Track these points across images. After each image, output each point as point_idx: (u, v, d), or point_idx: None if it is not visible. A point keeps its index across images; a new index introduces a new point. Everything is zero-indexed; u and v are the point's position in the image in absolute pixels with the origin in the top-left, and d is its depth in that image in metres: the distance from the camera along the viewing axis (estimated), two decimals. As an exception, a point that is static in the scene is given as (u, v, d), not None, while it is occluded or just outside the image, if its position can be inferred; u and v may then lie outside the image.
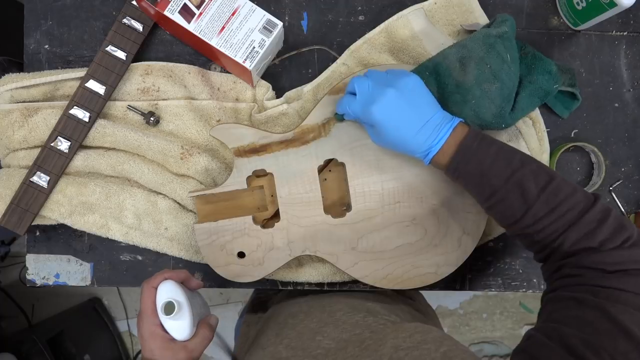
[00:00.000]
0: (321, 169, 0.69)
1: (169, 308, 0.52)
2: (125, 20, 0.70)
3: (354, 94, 0.60)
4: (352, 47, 0.73)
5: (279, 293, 0.91)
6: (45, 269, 0.75)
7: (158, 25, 0.74)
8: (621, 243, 0.49)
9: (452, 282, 0.76)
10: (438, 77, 0.64)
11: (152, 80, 0.72)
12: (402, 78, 0.58)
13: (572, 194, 0.52)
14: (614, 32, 0.77)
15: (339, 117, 0.65)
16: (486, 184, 0.55)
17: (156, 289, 0.55)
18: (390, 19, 0.72)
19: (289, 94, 0.73)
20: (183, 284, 0.58)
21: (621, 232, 0.50)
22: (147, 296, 0.54)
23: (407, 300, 0.83)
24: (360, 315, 0.63)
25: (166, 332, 0.54)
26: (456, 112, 0.63)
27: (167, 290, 0.54)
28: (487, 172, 0.55)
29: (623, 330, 0.42)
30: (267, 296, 0.95)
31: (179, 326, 0.54)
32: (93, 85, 0.69)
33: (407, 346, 0.51)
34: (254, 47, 0.65)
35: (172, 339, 0.54)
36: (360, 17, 0.75)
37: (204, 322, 0.58)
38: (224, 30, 0.65)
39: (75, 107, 0.69)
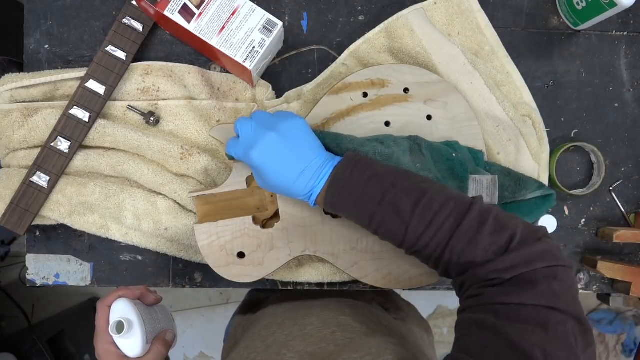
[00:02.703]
0: (321, 169, 0.69)
1: (120, 327, 0.54)
2: (125, 20, 0.70)
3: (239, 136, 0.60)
4: (352, 47, 0.73)
5: (270, 297, 0.91)
6: (45, 269, 0.75)
7: (158, 25, 0.73)
8: (507, 245, 0.48)
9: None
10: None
11: (152, 80, 0.72)
12: (285, 121, 0.57)
13: (446, 203, 0.51)
14: (614, 32, 0.77)
15: (230, 157, 0.65)
16: (362, 210, 0.54)
17: (110, 307, 0.56)
18: (390, 19, 0.72)
19: (289, 94, 0.73)
20: (140, 299, 0.60)
21: (503, 231, 0.48)
22: (101, 315, 0.56)
23: (388, 311, 0.84)
24: (329, 330, 0.63)
25: (120, 349, 0.56)
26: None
27: (119, 309, 0.56)
28: (360, 198, 0.54)
29: (521, 354, 0.41)
30: (258, 299, 0.95)
31: (130, 344, 0.56)
32: (93, 85, 0.69)
33: None
34: (254, 47, 0.65)
35: (125, 356, 0.56)
36: (360, 17, 0.75)
37: (159, 338, 0.59)
38: (224, 30, 0.65)
39: (75, 107, 0.69)
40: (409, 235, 0.52)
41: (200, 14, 0.65)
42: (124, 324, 0.54)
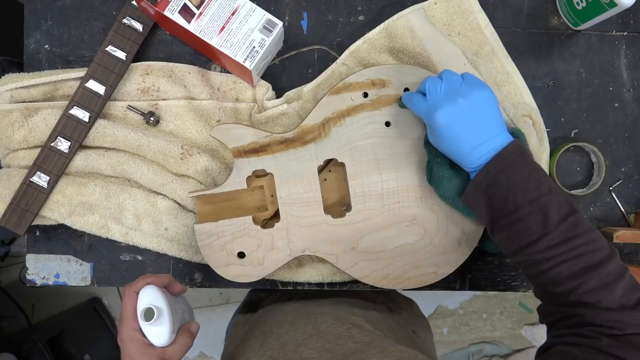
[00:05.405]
0: (321, 169, 0.69)
1: (149, 314, 0.53)
2: (125, 20, 0.70)
3: (425, 94, 0.60)
4: (352, 47, 0.73)
5: (270, 296, 0.91)
6: (45, 269, 0.75)
7: (158, 25, 0.73)
8: (636, 304, 0.50)
9: (452, 282, 0.76)
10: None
11: (152, 80, 0.72)
12: (477, 91, 0.57)
13: (590, 231, 0.53)
14: (614, 32, 0.77)
15: (402, 105, 0.66)
16: (511, 199, 0.55)
17: (138, 293, 0.55)
18: (390, 19, 0.72)
19: (289, 94, 0.73)
20: (166, 288, 0.59)
21: (635, 291, 0.51)
22: (128, 300, 0.55)
23: (393, 312, 0.84)
24: (345, 327, 0.63)
25: (145, 337, 0.55)
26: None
27: (148, 296, 0.54)
28: (515, 187, 0.55)
29: None
30: (259, 298, 0.95)
31: (158, 332, 0.54)
32: (93, 85, 0.69)
33: None
34: (254, 47, 0.65)
35: (151, 345, 0.54)
36: (360, 17, 0.75)
37: (184, 329, 0.58)
38: (224, 30, 0.65)
39: (75, 107, 0.69)
40: (543, 242, 0.53)
41: (200, 14, 0.65)
42: (153, 311, 0.52)
